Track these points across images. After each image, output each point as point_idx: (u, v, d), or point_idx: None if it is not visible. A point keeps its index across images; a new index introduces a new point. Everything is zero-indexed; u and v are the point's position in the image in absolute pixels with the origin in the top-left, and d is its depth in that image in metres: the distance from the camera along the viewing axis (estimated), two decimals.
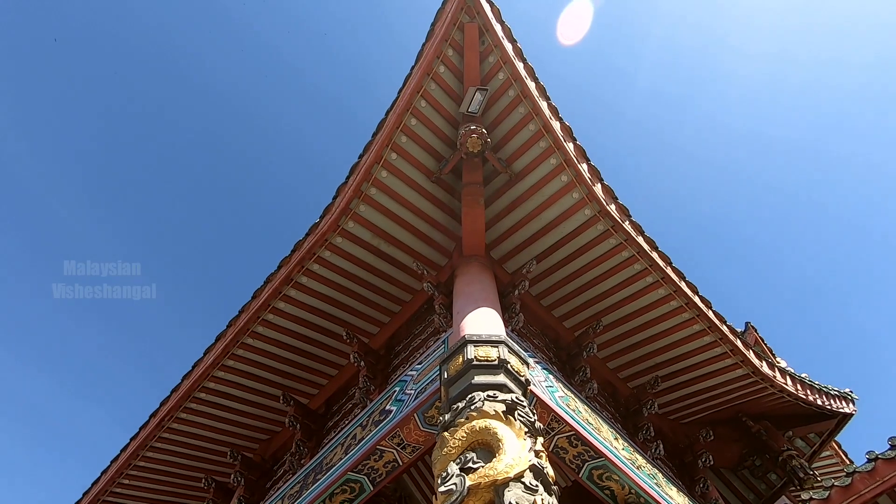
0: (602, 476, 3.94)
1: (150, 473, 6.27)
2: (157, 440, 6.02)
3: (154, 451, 6.10)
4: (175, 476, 6.34)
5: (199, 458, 6.27)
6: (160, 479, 6.33)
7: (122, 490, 6.32)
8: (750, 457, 6.37)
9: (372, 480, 4.00)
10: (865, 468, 5.02)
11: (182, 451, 6.18)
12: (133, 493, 6.36)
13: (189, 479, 6.36)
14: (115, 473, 6.13)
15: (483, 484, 2.36)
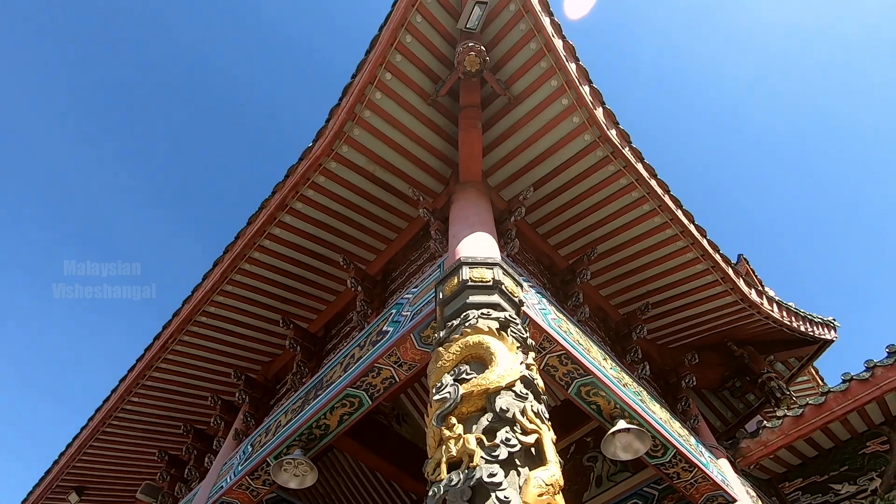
0: (590, 392, 4.13)
1: (159, 392, 6.55)
2: (163, 361, 6.23)
3: (160, 371, 6.33)
4: (182, 395, 6.63)
5: (205, 378, 6.52)
6: (168, 397, 6.62)
7: (133, 407, 6.63)
8: (731, 379, 6.68)
9: (370, 395, 4.19)
10: (840, 388, 5.29)
11: (187, 371, 6.42)
12: (143, 409, 6.68)
13: (196, 397, 6.66)
14: (124, 392, 6.40)
15: (476, 392, 2.47)
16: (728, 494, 4.56)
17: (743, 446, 5.55)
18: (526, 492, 2.01)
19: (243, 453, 5.02)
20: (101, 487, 7.59)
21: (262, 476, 4.58)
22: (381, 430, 6.64)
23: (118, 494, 7.72)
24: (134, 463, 7.26)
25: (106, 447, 7.04)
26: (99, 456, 7.16)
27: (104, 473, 7.37)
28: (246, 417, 5.75)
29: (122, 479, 7.48)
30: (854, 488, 5.64)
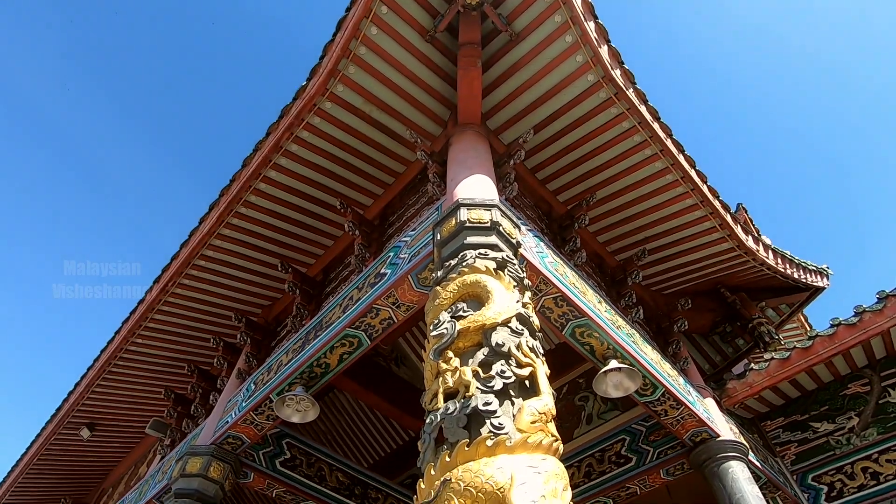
0: (584, 334, 4.23)
1: (161, 334, 6.68)
2: (164, 304, 6.32)
3: (162, 314, 6.43)
4: (185, 336, 6.77)
5: (206, 320, 6.64)
6: (171, 338, 6.76)
7: (137, 348, 6.78)
8: (722, 324, 6.84)
9: (369, 336, 4.28)
10: (827, 332, 5.42)
11: (189, 314, 6.52)
12: (147, 350, 6.84)
13: (199, 339, 6.80)
14: (127, 333, 6.53)
15: (472, 327, 2.52)
16: (712, 430, 4.77)
17: (729, 387, 5.75)
18: (519, 419, 2.09)
19: (247, 390, 5.19)
20: (112, 423, 7.91)
21: (265, 411, 4.75)
22: (380, 371, 6.85)
23: (128, 430, 8.05)
24: (141, 401, 7.53)
25: (113, 386, 7.26)
26: (107, 394, 7.40)
27: (113, 410, 7.65)
28: (248, 358, 5.90)
29: (131, 415, 7.77)
30: (832, 426, 5.91)
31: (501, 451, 1.95)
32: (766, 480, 5.16)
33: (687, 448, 4.94)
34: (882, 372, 5.86)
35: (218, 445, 4.92)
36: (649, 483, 5.26)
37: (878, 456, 5.51)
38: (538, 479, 1.86)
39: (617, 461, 5.43)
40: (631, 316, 5.30)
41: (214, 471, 4.81)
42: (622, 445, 5.49)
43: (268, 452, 5.41)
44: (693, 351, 7.04)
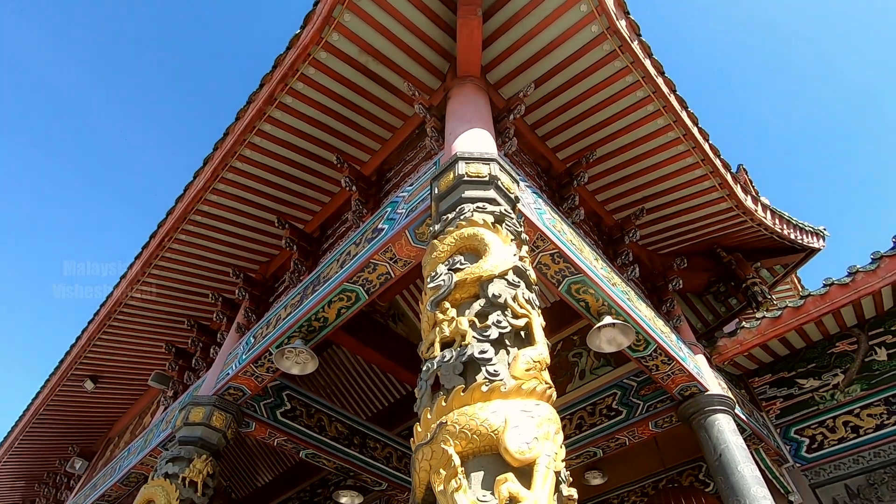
0: (579, 290, 4.27)
1: (160, 289, 6.72)
2: (161, 259, 6.32)
3: (160, 269, 6.44)
4: (184, 292, 6.82)
5: (204, 276, 6.66)
6: (170, 294, 6.80)
7: (136, 303, 6.83)
8: (716, 284, 6.91)
9: (366, 290, 4.32)
10: (819, 292, 5.48)
11: (187, 269, 6.54)
12: (147, 305, 6.89)
13: (197, 294, 6.85)
14: (126, 287, 6.57)
15: (469, 279, 2.53)
16: (701, 385, 4.91)
17: (720, 344, 5.87)
18: (514, 367, 2.13)
19: (246, 344, 5.27)
20: (114, 376, 8.07)
21: (265, 364, 4.84)
22: (378, 327, 6.94)
23: (131, 382, 8.23)
24: (143, 355, 7.65)
25: (115, 340, 7.37)
26: (109, 348, 7.52)
27: (116, 364, 7.79)
28: (247, 313, 5.97)
29: (134, 369, 7.92)
30: (818, 383, 6.08)
31: (496, 396, 2.00)
32: (750, 433, 5.34)
33: (676, 402, 5.09)
34: (870, 331, 5.98)
35: (219, 396, 5.04)
36: (638, 434, 5.45)
37: (859, 411, 5.70)
38: (531, 423, 1.92)
39: (608, 414, 5.61)
40: (627, 274, 5.34)
41: (217, 420, 4.95)
42: (613, 399, 5.65)
43: (269, 403, 5.55)
44: (686, 310, 7.15)
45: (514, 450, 1.81)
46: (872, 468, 5.35)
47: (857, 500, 5.29)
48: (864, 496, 5.27)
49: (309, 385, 8.13)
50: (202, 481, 4.63)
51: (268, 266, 6.69)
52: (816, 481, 5.60)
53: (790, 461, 5.79)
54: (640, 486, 6.90)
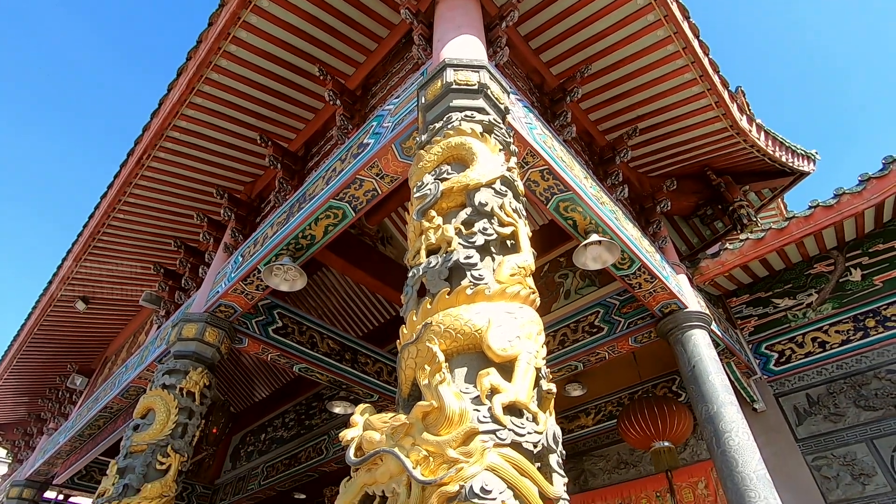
0: (567, 208, 4.26)
1: (143, 209, 6.59)
2: (141, 178, 6.14)
3: (141, 188, 6.28)
4: (168, 213, 6.70)
5: (188, 196, 6.52)
6: (154, 214, 6.69)
7: (120, 224, 6.72)
8: (703, 207, 6.95)
9: (353, 208, 4.26)
10: (803, 213, 5.54)
11: (169, 189, 6.38)
12: (131, 226, 6.79)
13: (182, 215, 6.74)
14: (107, 208, 6.43)
15: (456, 188, 2.49)
16: (681, 302, 5.06)
17: (702, 265, 6.01)
18: (499, 272, 2.15)
19: (235, 262, 5.28)
20: (105, 297, 8.13)
21: (254, 281, 4.87)
22: (366, 249, 6.96)
23: (122, 303, 8.31)
24: (132, 276, 7.66)
25: (102, 261, 7.33)
26: (97, 269, 7.50)
27: (105, 285, 7.81)
28: (234, 233, 5.92)
29: (124, 290, 7.96)
30: (792, 302, 6.32)
31: (480, 299, 2.03)
32: (724, 348, 5.61)
33: (656, 319, 5.27)
34: (848, 253, 6.13)
35: (211, 313, 5.12)
36: (618, 349, 5.70)
37: (828, 328, 5.99)
38: (514, 323, 1.96)
39: (590, 330, 5.82)
40: (616, 194, 5.32)
41: (210, 336, 5.06)
42: (596, 317, 5.84)
43: (260, 321, 5.66)
44: (672, 233, 7.23)
45: (497, 347, 1.86)
46: (833, 379, 5.71)
47: (816, 407, 5.69)
48: (822, 403, 5.66)
49: (300, 306, 8.29)
50: (199, 392, 4.81)
51: (253, 186, 6.55)
52: (780, 391, 5.99)
53: (758, 373, 6.15)
54: (617, 397, 7.35)
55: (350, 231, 6.96)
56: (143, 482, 4.15)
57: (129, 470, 4.22)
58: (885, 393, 5.34)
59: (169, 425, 4.49)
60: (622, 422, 5.88)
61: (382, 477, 1.73)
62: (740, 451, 4.14)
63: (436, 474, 1.54)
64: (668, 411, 5.60)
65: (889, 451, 5.09)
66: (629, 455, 7.03)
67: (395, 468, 1.68)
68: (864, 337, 5.69)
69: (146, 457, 4.29)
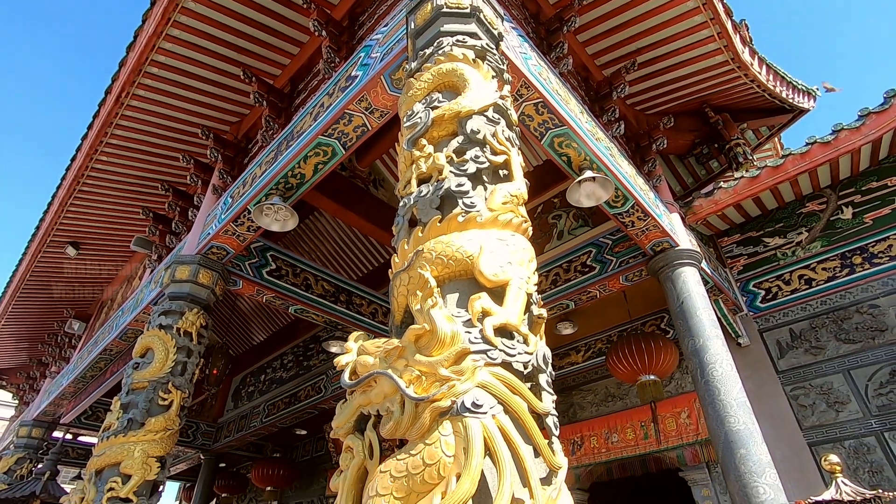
0: (562, 144, 4.17)
1: (127, 151, 6.40)
2: (122, 118, 5.91)
3: (122, 129, 6.06)
4: (153, 154, 6.51)
5: (173, 137, 6.32)
6: (139, 156, 6.50)
7: (104, 166, 6.54)
8: (700, 145, 6.85)
9: (343, 144, 4.15)
10: (800, 150, 5.48)
11: (152, 130, 6.16)
12: (116, 168, 6.62)
13: (168, 157, 6.56)
14: (89, 150, 6.22)
15: (447, 116, 2.40)
16: (673, 240, 5.09)
17: (696, 204, 6.00)
18: (491, 200, 2.11)
19: (224, 204, 5.20)
20: (95, 242, 8.05)
21: (245, 222, 4.82)
22: (359, 192, 6.88)
23: (113, 248, 8.25)
24: (121, 220, 7.56)
25: (88, 205, 7.20)
26: (84, 214, 7.38)
27: (94, 230, 7.72)
28: (221, 174, 5.79)
29: (113, 235, 7.88)
30: (782, 241, 6.38)
31: (472, 226, 2.01)
32: (712, 285, 5.71)
33: (647, 257, 5.32)
34: (841, 191, 6.13)
35: (203, 255, 5.10)
36: (609, 288, 5.79)
37: (815, 265, 6.08)
38: (506, 249, 1.96)
39: (582, 270, 5.88)
40: (612, 131, 5.21)
41: (203, 277, 5.06)
42: (588, 257, 5.89)
43: (254, 263, 5.66)
44: (667, 173, 7.17)
45: (488, 272, 1.86)
46: (817, 314, 5.87)
47: (798, 341, 5.88)
48: (804, 338, 5.85)
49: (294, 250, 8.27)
50: (196, 332, 4.87)
51: (239, 126, 6.34)
52: (765, 327, 6.16)
53: (745, 310, 6.30)
54: (607, 335, 7.55)
55: (341, 173, 6.83)
56: (146, 416, 4.27)
57: (132, 405, 4.34)
58: (865, 326, 5.51)
59: (168, 364, 4.57)
60: (611, 357, 6.06)
61: (377, 397, 1.77)
62: (723, 380, 4.30)
63: (428, 391, 1.58)
64: (655, 347, 5.77)
65: (864, 380, 5.32)
66: (616, 389, 7.32)
67: (388, 388, 1.72)
68: (850, 273, 5.80)
69: (148, 393, 4.40)
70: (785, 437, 5.46)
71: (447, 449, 1.48)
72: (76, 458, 11.15)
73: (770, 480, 3.80)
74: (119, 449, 4.09)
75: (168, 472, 4.41)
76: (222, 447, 10.88)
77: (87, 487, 3.99)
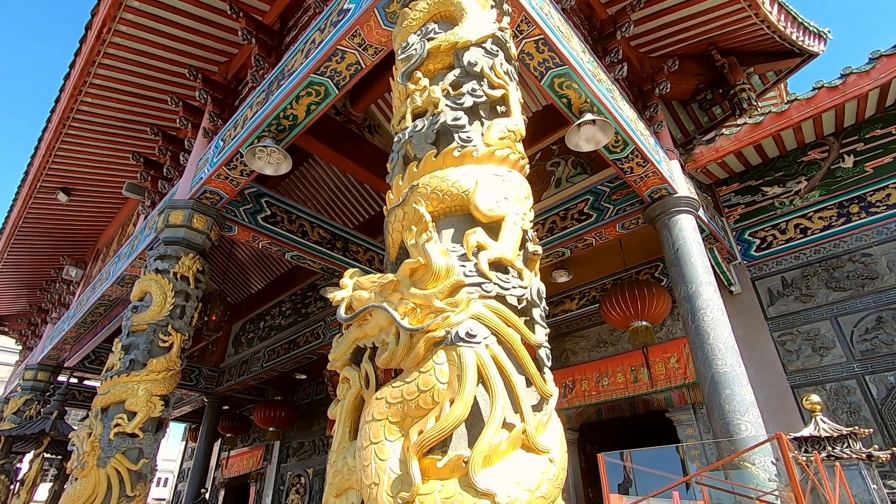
0: (563, 84, 4.04)
1: (112, 93, 6.17)
2: (105, 56, 5.66)
3: (106, 68, 5.82)
4: (139, 96, 6.29)
5: (159, 78, 6.09)
6: (125, 98, 6.28)
7: (89, 108, 6.33)
8: (704, 91, 6.67)
9: (336, 84, 4.01)
10: (805, 95, 5.34)
11: (137, 70, 5.92)
12: (102, 111, 6.41)
13: (155, 99, 6.35)
14: (73, 91, 6.00)
15: (443, 47, 2.30)
16: (671, 187, 5.05)
17: (696, 151, 5.91)
18: (488, 135, 2.06)
19: (216, 147, 5.09)
20: (86, 188, 7.93)
21: (237, 166, 4.74)
22: (354, 138, 6.73)
23: (105, 194, 8.14)
24: (111, 165, 7.41)
25: (78, 150, 7.03)
26: (73, 159, 7.22)
27: (84, 175, 7.58)
28: (212, 117, 5.63)
29: (104, 180, 7.75)
30: (781, 190, 6.34)
31: (468, 161, 1.97)
32: (708, 233, 5.72)
33: (645, 204, 5.29)
34: (844, 139, 6.04)
35: (196, 200, 5.04)
36: (605, 236, 5.79)
37: (812, 214, 6.08)
38: (502, 185, 1.93)
39: (579, 218, 5.86)
40: (614, 73, 5.04)
41: (198, 222, 5.03)
42: (585, 204, 5.86)
43: (248, 209, 5.61)
44: (669, 120, 7.02)
45: (484, 207, 1.84)
46: (809, 263, 5.93)
47: (789, 289, 5.97)
48: (795, 286, 5.93)
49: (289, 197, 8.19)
50: (193, 276, 4.89)
51: (228, 66, 6.10)
52: (758, 275, 6.23)
53: (739, 259, 6.35)
54: (602, 283, 7.64)
55: (335, 118, 6.66)
56: (148, 357, 4.36)
57: (134, 347, 4.42)
58: (856, 275, 5.58)
59: (167, 307, 4.62)
60: (604, 304, 6.16)
61: (372, 330, 1.79)
62: (713, 325, 4.39)
63: (423, 322, 1.60)
64: (649, 293, 5.85)
65: (850, 326, 5.45)
66: (608, 335, 7.49)
67: (384, 321, 1.74)
68: (846, 223, 5.81)
69: (148, 335, 4.46)
70: (770, 381, 5.65)
71: (441, 377, 1.51)
72: (83, 401, 11.48)
73: (752, 418, 3.96)
74: (123, 388, 4.20)
75: (171, 411, 4.55)
76: (225, 391, 11.21)
77: (94, 423, 4.12)
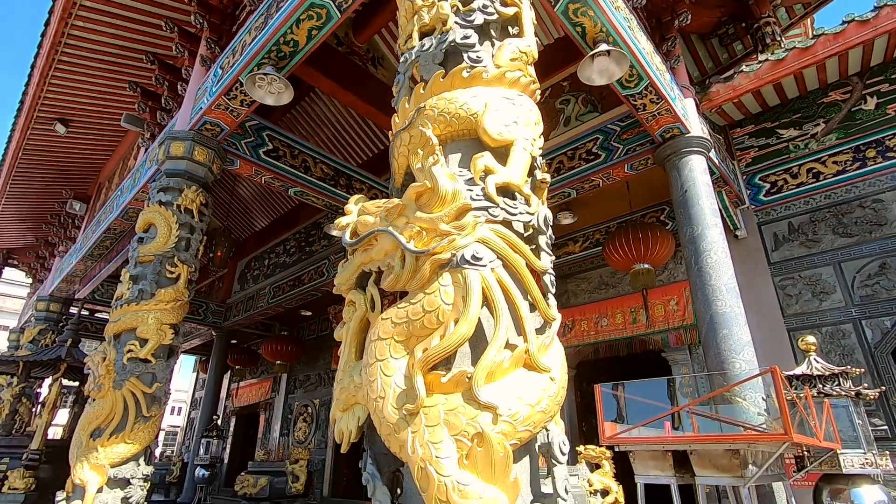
0: (577, 11, 3.81)
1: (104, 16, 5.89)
2: None
3: None
4: (132, 21, 6.01)
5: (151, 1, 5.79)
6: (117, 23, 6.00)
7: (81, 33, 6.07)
8: (726, 24, 6.32)
9: (338, 6, 3.80)
10: (834, 30, 5.06)
11: None
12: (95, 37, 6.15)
13: (149, 24, 6.06)
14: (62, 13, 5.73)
15: None
16: (684, 126, 4.90)
17: (713, 90, 5.68)
18: (499, 56, 1.96)
19: (214, 76, 4.91)
20: (84, 119, 7.76)
21: (237, 96, 4.59)
22: (357, 71, 6.47)
23: (104, 126, 7.97)
24: (108, 96, 7.21)
25: (72, 78, 6.81)
26: (69, 89, 7.01)
27: (81, 106, 7.39)
28: (209, 44, 5.40)
29: (102, 111, 7.56)
30: (797, 132, 6.16)
31: (477, 83, 1.89)
32: (718, 176, 5.61)
33: (655, 144, 5.15)
34: (868, 80, 5.78)
35: (197, 131, 4.93)
36: (612, 176, 5.69)
37: (826, 158, 5.93)
38: (512, 108, 1.86)
39: (587, 158, 5.74)
40: (633, 1, 4.75)
41: (199, 154, 4.95)
42: (594, 144, 5.71)
43: (250, 143, 5.50)
44: (686, 55, 6.69)
45: (493, 131, 1.78)
46: (819, 208, 5.85)
47: (795, 234, 5.93)
48: (801, 231, 5.89)
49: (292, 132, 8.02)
50: (197, 209, 4.88)
51: None
52: (764, 220, 6.18)
53: (747, 203, 6.27)
54: (606, 226, 7.61)
55: (338, 49, 6.38)
56: (156, 287, 4.43)
57: (141, 277, 4.48)
58: (865, 221, 5.52)
59: (172, 239, 4.64)
60: (607, 246, 6.16)
61: (377, 255, 1.79)
62: (716, 267, 4.40)
63: (428, 245, 1.59)
64: (652, 236, 5.83)
65: (853, 272, 5.46)
66: (610, 277, 7.55)
67: (389, 245, 1.73)
68: (861, 167, 5.67)
69: (155, 266, 4.51)
70: (767, 324, 5.74)
71: (446, 298, 1.52)
72: (95, 332, 11.84)
73: (747, 357, 4.05)
74: (133, 316, 4.30)
75: (181, 340, 4.68)
76: (232, 325, 11.52)
77: (108, 349, 4.26)
